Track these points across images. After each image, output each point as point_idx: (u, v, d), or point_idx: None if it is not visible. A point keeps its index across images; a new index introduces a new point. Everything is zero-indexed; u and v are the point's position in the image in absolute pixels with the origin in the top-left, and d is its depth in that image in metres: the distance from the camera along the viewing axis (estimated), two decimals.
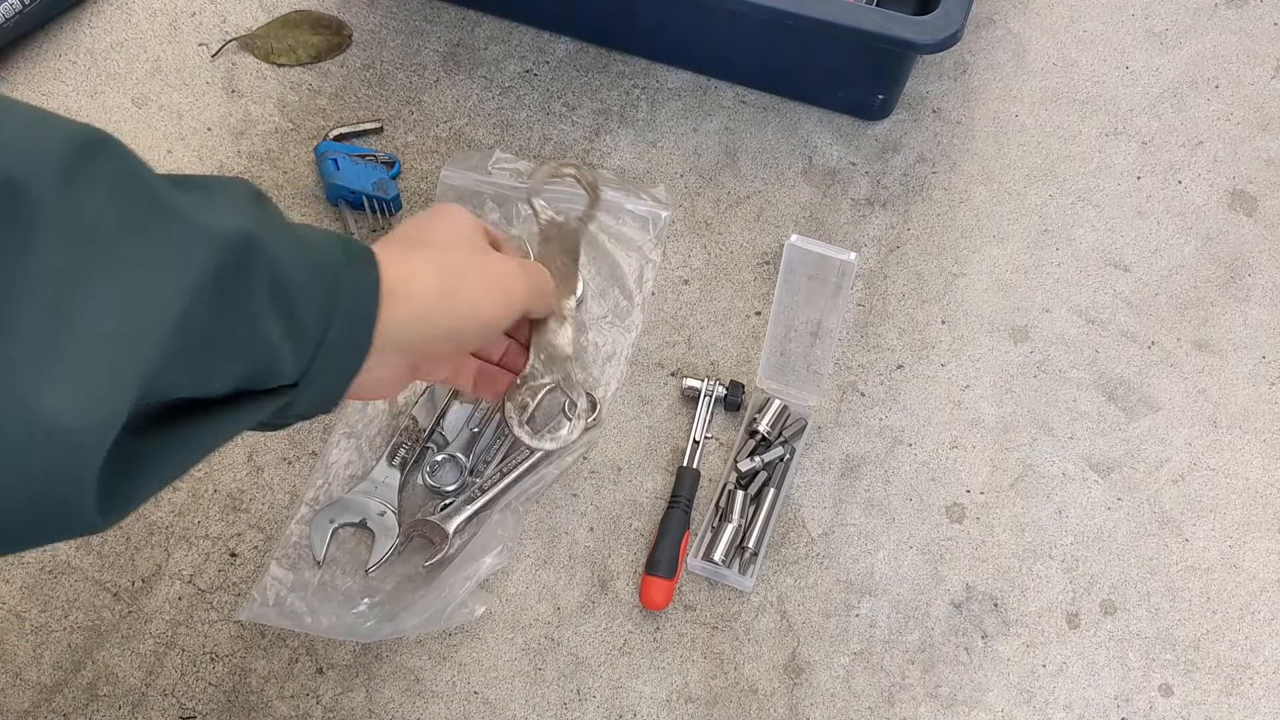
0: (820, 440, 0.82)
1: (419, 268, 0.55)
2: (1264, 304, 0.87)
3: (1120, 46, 0.99)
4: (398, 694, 0.74)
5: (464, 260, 0.59)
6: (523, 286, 0.61)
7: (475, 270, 0.59)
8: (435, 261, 0.57)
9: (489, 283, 0.59)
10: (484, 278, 0.59)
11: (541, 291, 0.65)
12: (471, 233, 0.62)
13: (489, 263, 0.60)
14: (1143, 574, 0.78)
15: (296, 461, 0.81)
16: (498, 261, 0.61)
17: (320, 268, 0.48)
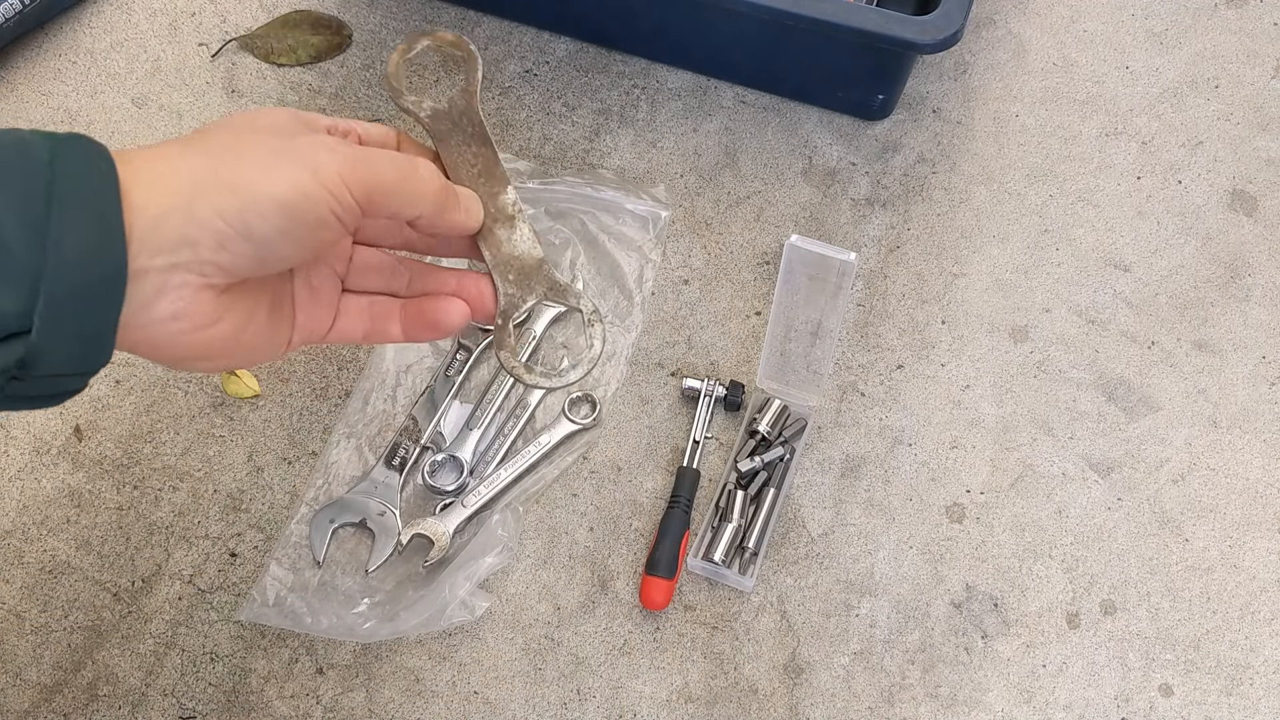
0: (820, 440, 0.82)
1: (170, 148, 0.43)
2: (1264, 304, 0.87)
3: (1120, 46, 0.99)
4: (398, 694, 0.74)
5: (244, 136, 0.45)
6: (336, 161, 0.44)
7: (258, 144, 0.45)
8: (199, 141, 0.44)
9: (278, 154, 0.44)
10: (270, 149, 0.44)
11: (390, 177, 0.47)
12: (277, 118, 0.48)
13: (283, 138, 0.46)
14: (1143, 574, 0.78)
15: (296, 461, 0.81)
16: (303, 138, 0.46)
17: (8, 168, 0.38)
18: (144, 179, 0.41)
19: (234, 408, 0.83)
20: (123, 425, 0.82)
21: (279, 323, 0.49)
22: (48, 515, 0.80)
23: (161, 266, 0.41)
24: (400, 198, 0.47)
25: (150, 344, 0.42)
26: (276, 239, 0.43)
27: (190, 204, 0.41)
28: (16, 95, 0.96)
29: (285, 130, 0.47)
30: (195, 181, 0.42)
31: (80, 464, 0.81)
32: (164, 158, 0.42)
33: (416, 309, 0.53)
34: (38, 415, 0.83)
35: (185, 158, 0.43)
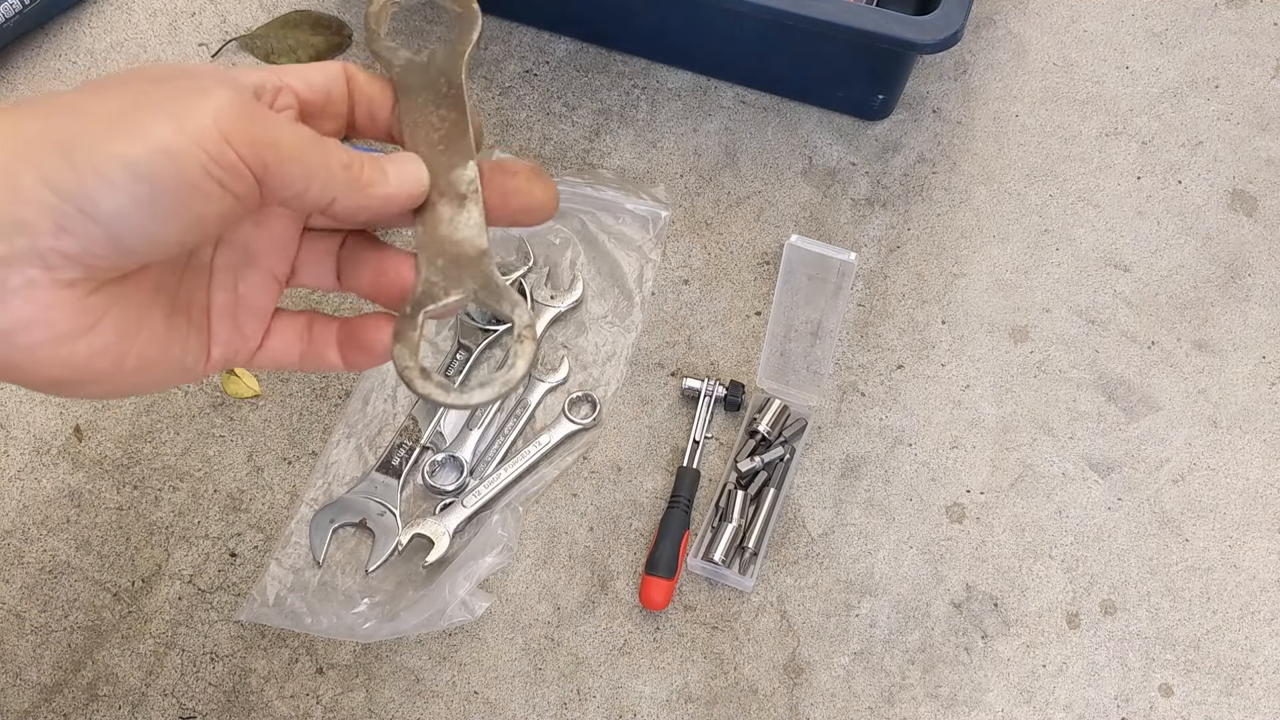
0: (820, 440, 0.82)
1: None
2: (1264, 304, 0.87)
3: (1120, 46, 0.99)
4: (398, 694, 0.74)
5: (105, 90, 0.34)
6: (214, 108, 0.33)
7: (116, 94, 0.34)
8: (40, 101, 0.34)
9: (138, 104, 0.33)
10: (129, 99, 0.34)
11: (289, 140, 0.36)
12: (172, 68, 0.36)
13: (157, 84, 0.35)
14: (1143, 574, 0.78)
15: (296, 461, 0.81)
16: (179, 83, 0.35)
17: None
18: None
19: (234, 408, 0.83)
20: (123, 425, 0.82)
21: (186, 335, 0.39)
22: (48, 515, 0.80)
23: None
24: (300, 167, 0.36)
25: (5, 365, 0.33)
26: (136, 215, 0.32)
27: (12, 174, 0.31)
28: (16, 95, 0.96)
29: (164, 76, 0.35)
30: (20, 147, 0.32)
31: (80, 464, 0.81)
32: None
33: (349, 331, 0.43)
34: (38, 415, 0.83)
35: (11, 121, 0.32)
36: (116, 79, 0.35)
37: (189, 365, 0.39)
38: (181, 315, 0.39)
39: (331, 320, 0.43)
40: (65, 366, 0.34)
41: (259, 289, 0.42)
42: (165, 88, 0.34)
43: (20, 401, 0.83)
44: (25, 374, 0.34)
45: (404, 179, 0.40)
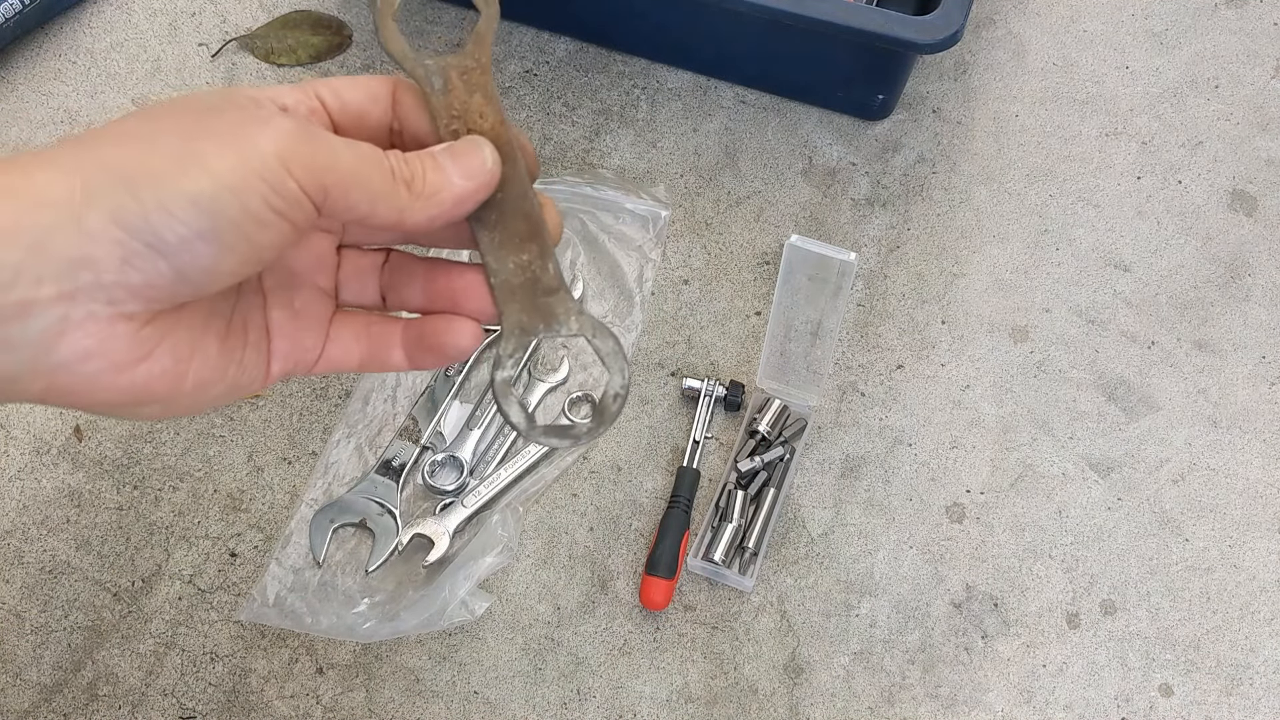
0: (820, 440, 0.82)
1: (62, 148, 0.34)
2: (1264, 304, 0.87)
3: (1120, 46, 0.99)
4: (398, 694, 0.74)
5: (161, 120, 0.35)
6: (274, 138, 0.34)
7: (173, 127, 0.34)
8: (99, 134, 0.35)
9: (197, 135, 0.34)
10: (187, 130, 0.34)
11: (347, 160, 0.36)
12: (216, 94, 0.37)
13: (211, 113, 0.35)
14: (1143, 574, 0.78)
15: (296, 461, 0.81)
16: (234, 113, 0.35)
17: None
18: (13, 190, 0.32)
19: (234, 408, 0.83)
20: (123, 425, 0.82)
21: (242, 355, 0.40)
22: (48, 515, 0.80)
23: (52, 296, 0.32)
24: (362, 190, 0.36)
25: (63, 391, 0.34)
26: (199, 248, 0.33)
27: (80, 213, 0.32)
28: (16, 95, 0.96)
29: (218, 105, 0.36)
30: (85, 185, 0.33)
31: (80, 464, 0.81)
32: (49, 161, 0.33)
33: (418, 332, 0.43)
34: (38, 415, 0.83)
35: (76, 156, 0.33)
36: (170, 108, 0.36)
37: (245, 382, 0.40)
38: (237, 337, 0.39)
39: (393, 321, 0.43)
40: (123, 392, 0.35)
41: (314, 303, 0.43)
42: (222, 119, 0.35)
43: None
44: (83, 399, 0.35)
45: (471, 170, 0.39)
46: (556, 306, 0.41)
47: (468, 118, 0.41)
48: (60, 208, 0.32)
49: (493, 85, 0.41)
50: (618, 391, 0.42)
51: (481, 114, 0.41)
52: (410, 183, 0.38)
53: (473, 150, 0.39)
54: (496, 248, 0.41)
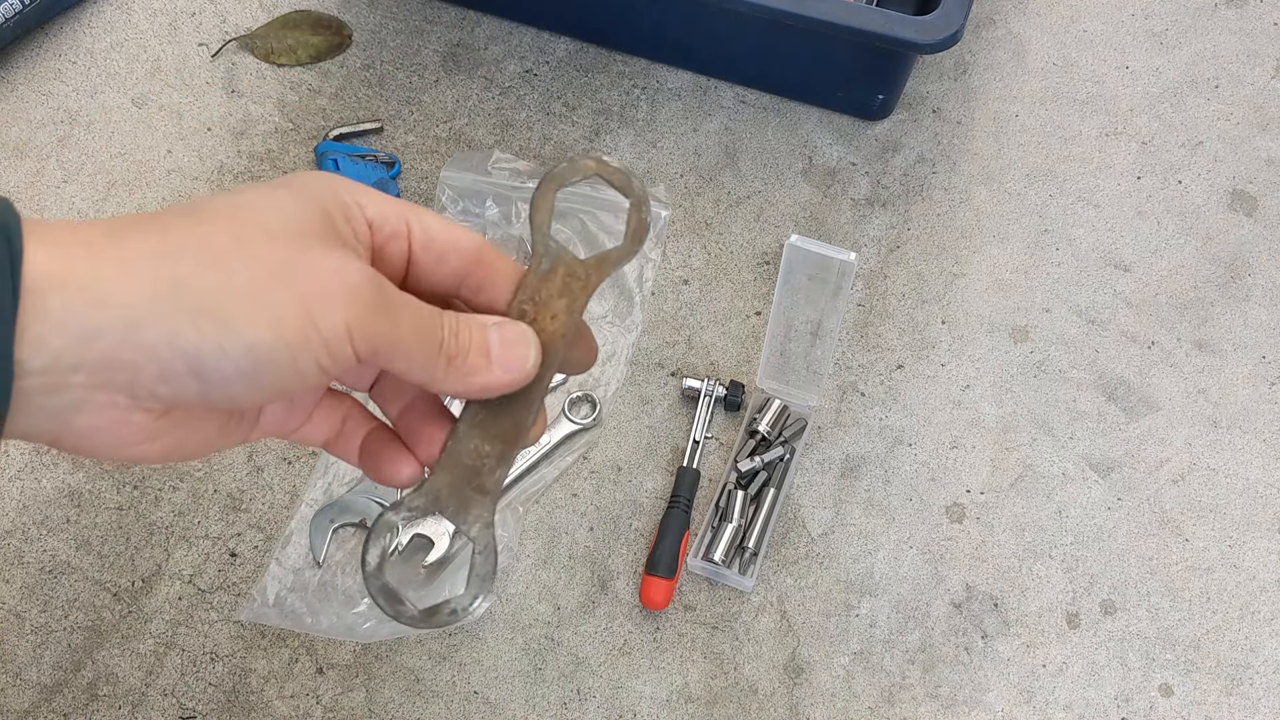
0: (820, 440, 0.82)
1: (139, 241, 0.34)
2: (1264, 304, 0.87)
3: (1120, 46, 0.99)
4: (398, 694, 0.74)
5: (243, 241, 0.35)
6: (348, 307, 0.35)
7: (253, 259, 0.34)
8: (179, 234, 0.35)
9: (275, 277, 0.34)
10: (268, 270, 0.34)
11: (406, 338, 0.37)
12: (298, 212, 0.37)
13: (292, 248, 0.35)
14: (1143, 574, 0.78)
15: (296, 461, 0.81)
16: (318, 253, 0.36)
17: None
18: (68, 288, 0.32)
19: None
20: None
21: (235, 428, 0.41)
22: (48, 515, 0.80)
23: (82, 384, 0.33)
24: (408, 361, 0.38)
25: (68, 448, 0.36)
26: (234, 384, 0.34)
27: (139, 324, 0.33)
28: (16, 95, 0.96)
29: (302, 233, 0.36)
30: (154, 296, 0.33)
31: (80, 464, 0.81)
32: (124, 256, 0.33)
33: (373, 448, 0.44)
34: None
35: (156, 262, 0.33)
36: (265, 225, 0.36)
37: (227, 445, 0.42)
38: (235, 422, 0.41)
39: (364, 422, 0.45)
40: (124, 457, 0.37)
41: (310, 396, 0.44)
42: (308, 260, 0.35)
43: None
44: (84, 452, 0.37)
45: (511, 365, 0.40)
46: (474, 506, 0.42)
47: (541, 310, 0.41)
48: (121, 312, 0.33)
49: (583, 304, 0.41)
50: (464, 606, 0.42)
51: (554, 316, 0.41)
52: (453, 359, 0.38)
53: (521, 346, 0.40)
54: (471, 424, 0.41)
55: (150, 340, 0.33)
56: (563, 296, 0.41)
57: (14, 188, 0.92)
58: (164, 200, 0.91)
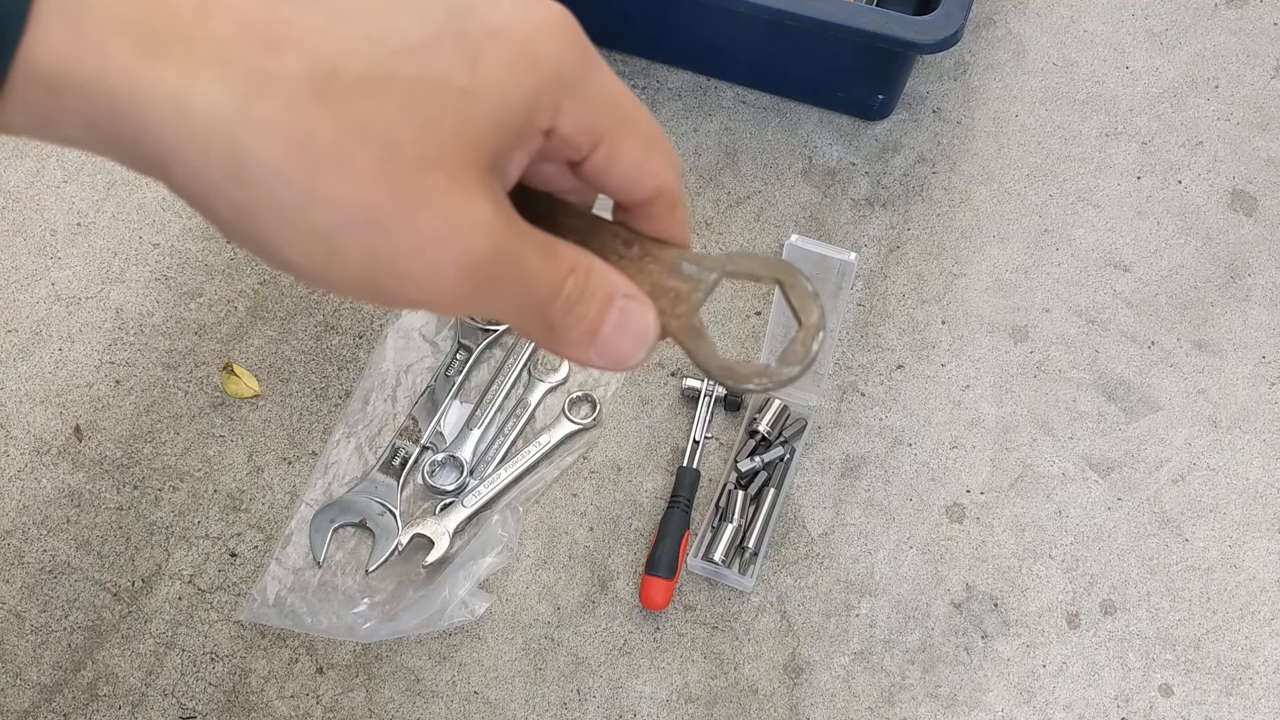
0: (820, 440, 0.82)
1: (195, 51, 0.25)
2: (1264, 304, 0.87)
3: (1120, 46, 0.99)
4: (398, 694, 0.74)
5: (332, 149, 0.26)
6: (463, 257, 0.27)
7: (331, 181, 0.26)
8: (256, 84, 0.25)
9: (344, 227, 0.26)
10: (332, 204, 0.26)
11: (507, 305, 0.30)
12: (462, 120, 0.27)
13: (392, 193, 0.26)
14: (1143, 574, 0.78)
15: (296, 461, 0.81)
16: (430, 203, 0.27)
17: None
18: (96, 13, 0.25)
19: (234, 408, 0.83)
20: (123, 425, 0.82)
21: None
22: (48, 515, 0.80)
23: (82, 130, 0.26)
24: (505, 310, 0.30)
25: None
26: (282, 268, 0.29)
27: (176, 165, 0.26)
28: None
29: (437, 157, 0.27)
30: (205, 147, 0.25)
31: (80, 464, 0.81)
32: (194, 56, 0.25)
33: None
34: (38, 415, 0.83)
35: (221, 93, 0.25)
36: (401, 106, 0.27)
37: None
38: None
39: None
40: None
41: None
42: (408, 197, 0.27)
43: (20, 401, 0.83)
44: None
45: (611, 352, 0.33)
46: None
47: (678, 302, 0.34)
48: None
49: (696, 324, 0.34)
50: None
51: (680, 316, 0.34)
52: (554, 330, 0.31)
53: (635, 337, 0.33)
54: None
55: (175, 183, 0.27)
56: (692, 307, 0.34)
57: (14, 187, 0.92)
58: (165, 200, 0.91)
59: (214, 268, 0.88)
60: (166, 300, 0.87)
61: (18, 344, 0.85)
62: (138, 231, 0.90)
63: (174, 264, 0.89)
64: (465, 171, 0.27)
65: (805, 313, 0.34)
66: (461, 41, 0.27)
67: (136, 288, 0.88)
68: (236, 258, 0.88)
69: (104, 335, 0.86)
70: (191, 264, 0.89)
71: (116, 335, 0.86)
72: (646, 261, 0.34)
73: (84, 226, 0.90)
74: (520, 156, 0.30)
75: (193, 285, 0.88)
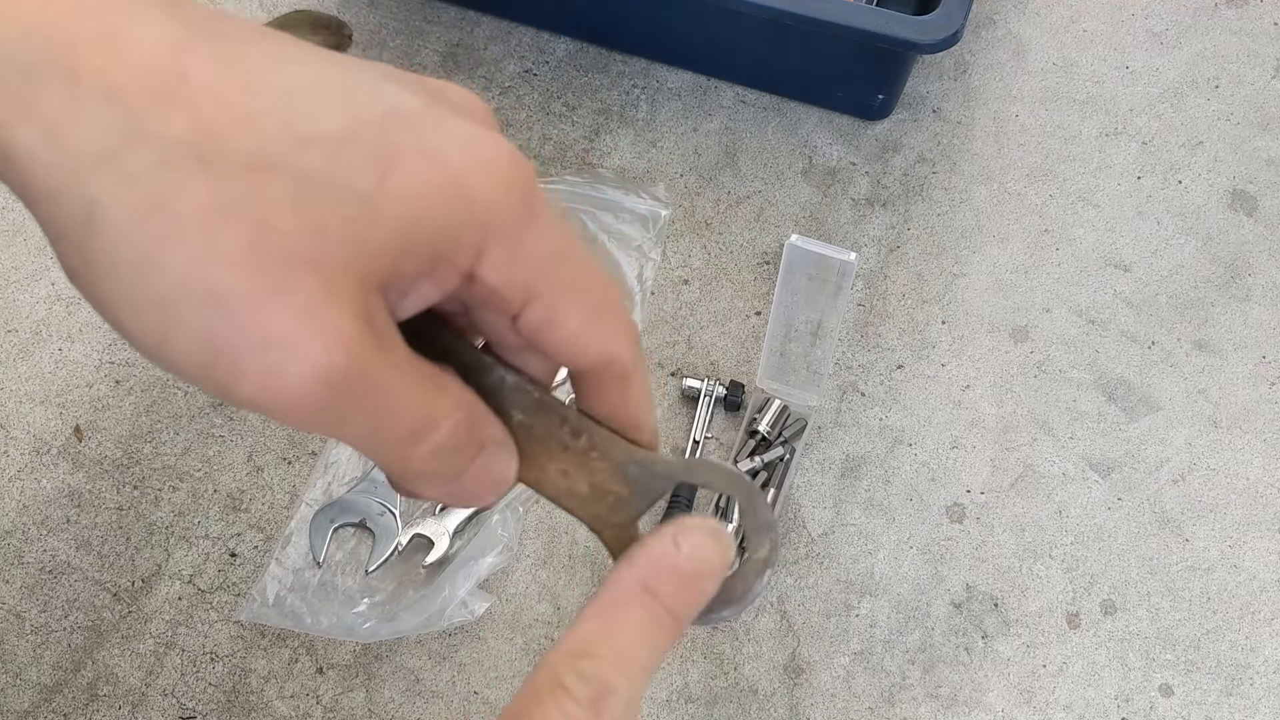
0: (820, 440, 0.82)
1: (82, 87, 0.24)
2: (1264, 304, 0.87)
3: (1120, 46, 0.99)
4: (398, 694, 0.74)
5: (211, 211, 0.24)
6: (320, 355, 0.25)
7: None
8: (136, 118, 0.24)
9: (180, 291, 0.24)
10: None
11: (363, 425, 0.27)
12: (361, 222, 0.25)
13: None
14: (1143, 574, 0.78)
15: (296, 461, 0.81)
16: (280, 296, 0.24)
17: None
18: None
19: (234, 408, 0.83)
20: (123, 425, 0.82)
21: None
22: (48, 515, 0.80)
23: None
24: (367, 441, 0.28)
25: None
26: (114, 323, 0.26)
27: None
28: None
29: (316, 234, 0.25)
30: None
31: (80, 464, 0.81)
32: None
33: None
34: (38, 415, 0.83)
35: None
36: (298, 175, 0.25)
37: None
38: None
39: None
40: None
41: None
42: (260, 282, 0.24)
43: (20, 401, 0.83)
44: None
45: (484, 486, 0.31)
46: None
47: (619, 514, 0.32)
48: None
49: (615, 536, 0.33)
50: None
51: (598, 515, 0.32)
52: (408, 468, 0.29)
53: (498, 483, 0.31)
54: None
55: (42, 223, 0.25)
56: (630, 516, 0.32)
57: None
58: None
59: None
60: None
61: (18, 344, 0.85)
62: None
63: None
64: (340, 281, 0.25)
65: (755, 544, 0.32)
66: (381, 150, 0.25)
67: None
68: None
69: (104, 335, 0.86)
70: None
71: (116, 335, 0.86)
72: (592, 457, 0.31)
73: None
74: (428, 289, 0.27)
75: None
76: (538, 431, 0.31)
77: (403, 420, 0.27)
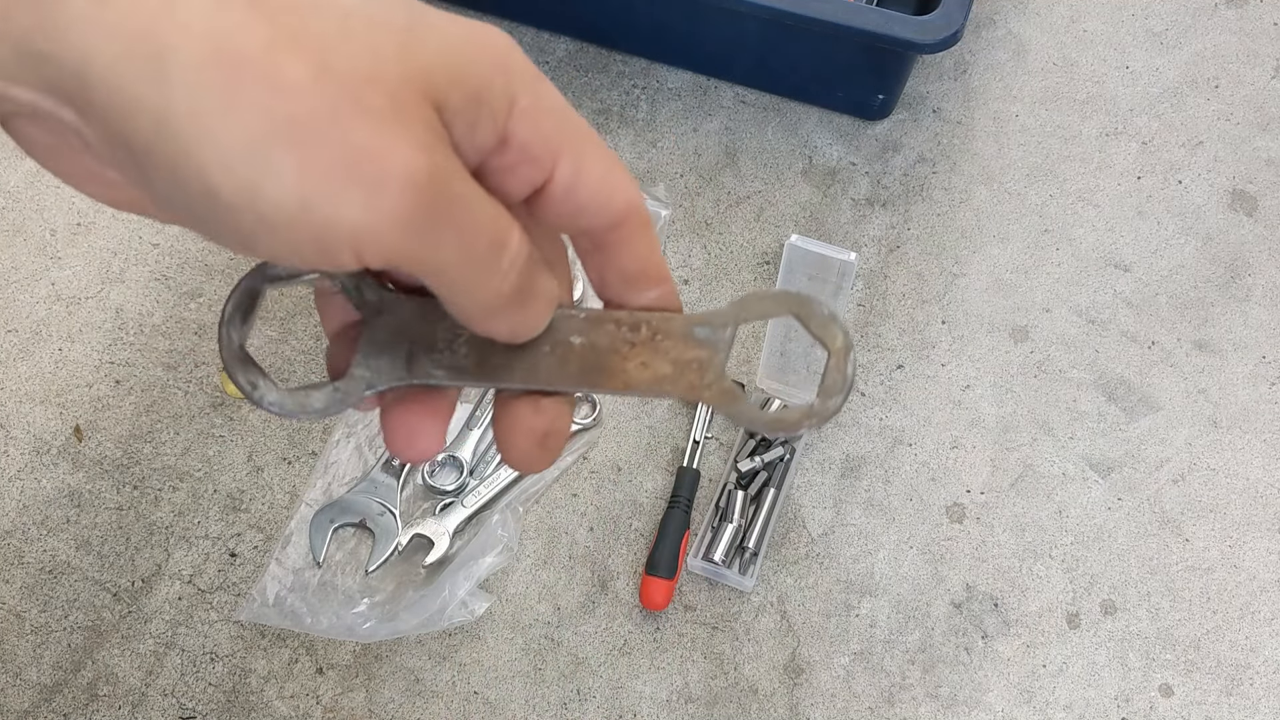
0: (820, 440, 0.82)
1: None
2: (1264, 304, 0.87)
3: (1120, 46, 0.99)
4: (398, 694, 0.74)
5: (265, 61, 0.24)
6: (371, 206, 0.25)
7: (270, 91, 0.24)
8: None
9: (271, 139, 0.24)
10: (269, 117, 0.24)
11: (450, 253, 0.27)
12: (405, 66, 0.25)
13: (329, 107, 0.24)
14: (1143, 574, 0.78)
15: (296, 461, 0.81)
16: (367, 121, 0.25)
17: None
18: None
19: (234, 408, 0.83)
20: (123, 425, 0.82)
21: None
22: (48, 515, 0.80)
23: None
24: (442, 280, 0.28)
25: None
26: (186, 219, 0.26)
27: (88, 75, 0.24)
28: None
29: (371, 80, 0.25)
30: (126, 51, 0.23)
31: (80, 464, 0.81)
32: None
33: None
34: (38, 415, 0.83)
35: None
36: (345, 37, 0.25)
37: None
38: None
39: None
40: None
41: None
42: (341, 115, 0.24)
43: (20, 401, 0.83)
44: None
45: (541, 303, 0.31)
46: None
47: (653, 353, 0.33)
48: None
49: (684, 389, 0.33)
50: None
51: (645, 365, 0.33)
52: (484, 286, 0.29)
53: (551, 301, 0.31)
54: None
55: (94, 100, 0.24)
56: (719, 372, 0.32)
57: (14, 187, 0.92)
58: None
59: (214, 268, 0.88)
60: (166, 300, 0.87)
61: (18, 344, 0.85)
62: (137, 231, 0.90)
63: (174, 264, 0.89)
64: (404, 96, 0.25)
65: (830, 338, 0.34)
66: (409, 4, 0.27)
67: (136, 288, 0.88)
68: (236, 258, 0.88)
69: (104, 335, 0.86)
70: (191, 264, 0.89)
71: (116, 335, 0.86)
72: (660, 340, 0.32)
73: (84, 226, 0.90)
74: (471, 145, 0.28)
75: (193, 285, 0.88)
76: (602, 343, 0.32)
77: (485, 230, 0.27)
